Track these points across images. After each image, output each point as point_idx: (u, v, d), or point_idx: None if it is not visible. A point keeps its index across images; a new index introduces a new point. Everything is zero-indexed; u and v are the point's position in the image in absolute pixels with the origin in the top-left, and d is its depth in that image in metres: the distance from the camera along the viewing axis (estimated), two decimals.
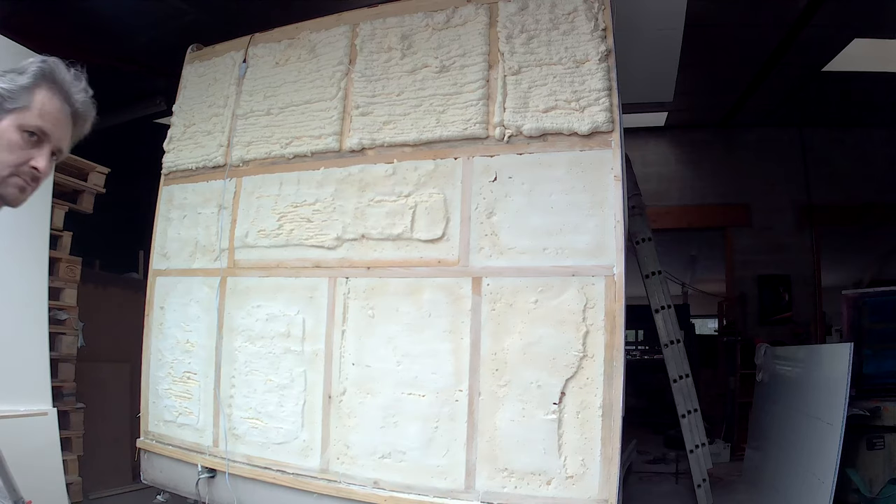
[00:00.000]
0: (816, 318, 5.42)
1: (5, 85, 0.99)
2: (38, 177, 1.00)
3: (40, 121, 0.97)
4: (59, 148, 1.03)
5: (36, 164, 0.98)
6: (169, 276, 2.93)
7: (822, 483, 2.69)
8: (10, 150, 0.96)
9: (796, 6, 3.69)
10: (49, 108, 0.99)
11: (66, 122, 1.03)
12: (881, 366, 3.45)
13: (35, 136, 0.98)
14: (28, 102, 0.98)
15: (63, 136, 1.03)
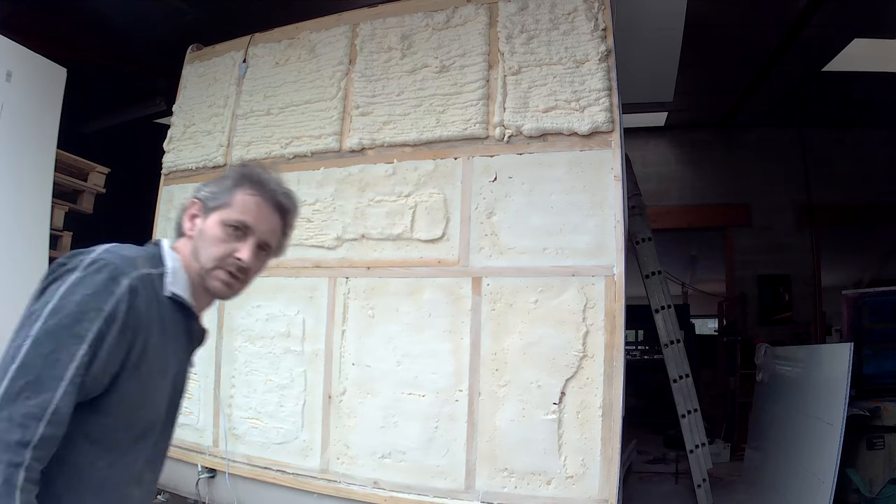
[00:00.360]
0: (816, 318, 5.42)
1: (209, 189, 1.12)
2: (243, 268, 1.04)
3: (241, 215, 1.04)
4: (265, 241, 1.07)
5: (239, 255, 1.03)
6: None
7: (822, 483, 2.69)
8: (214, 244, 1.03)
9: (796, 6, 3.69)
10: (249, 204, 1.05)
11: (270, 216, 1.07)
12: (881, 366, 3.45)
13: (238, 229, 1.04)
14: (229, 201, 1.06)
15: (268, 229, 1.07)
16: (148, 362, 0.95)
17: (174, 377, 1.05)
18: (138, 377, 0.93)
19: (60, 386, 0.84)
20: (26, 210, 2.92)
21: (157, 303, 0.99)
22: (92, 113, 4.55)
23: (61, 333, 0.86)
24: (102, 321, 0.88)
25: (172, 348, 1.03)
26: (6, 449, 0.79)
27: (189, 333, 1.08)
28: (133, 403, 0.94)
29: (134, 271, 0.95)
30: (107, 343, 0.88)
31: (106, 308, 0.89)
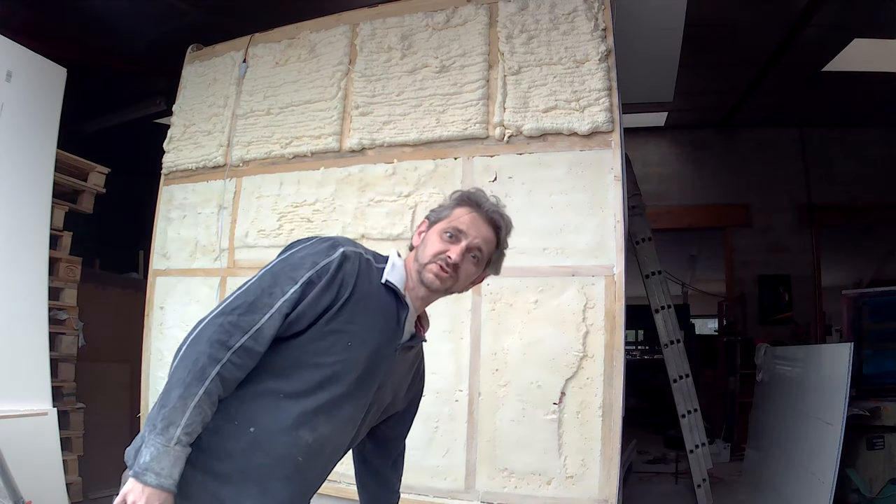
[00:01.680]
0: (816, 318, 5.42)
1: (435, 209, 1.30)
2: (452, 263, 1.20)
3: (454, 223, 1.22)
4: (476, 246, 1.22)
5: (450, 254, 1.19)
6: (169, 276, 2.93)
7: (822, 483, 2.69)
8: (432, 245, 1.22)
9: (796, 6, 3.69)
10: (462, 216, 1.23)
11: (482, 226, 1.24)
12: (881, 366, 3.45)
13: (452, 236, 1.21)
14: (448, 214, 1.25)
15: (479, 235, 1.23)
16: (347, 319, 1.12)
17: (373, 356, 1.15)
18: (335, 328, 1.10)
19: (268, 312, 1.05)
20: (26, 210, 2.92)
21: (369, 282, 1.17)
22: (92, 113, 4.55)
23: (280, 275, 1.10)
24: (315, 271, 1.10)
25: (378, 326, 1.17)
26: (210, 345, 1.00)
27: (398, 323, 1.20)
28: (323, 347, 1.10)
29: (354, 248, 1.18)
30: (315, 289, 1.09)
31: (320, 263, 1.11)
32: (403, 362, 1.27)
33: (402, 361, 1.26)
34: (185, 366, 0.99)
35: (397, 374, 1.26)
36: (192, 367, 0.98)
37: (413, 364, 1.33)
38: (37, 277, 2.93)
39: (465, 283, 1.26)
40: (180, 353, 1.02)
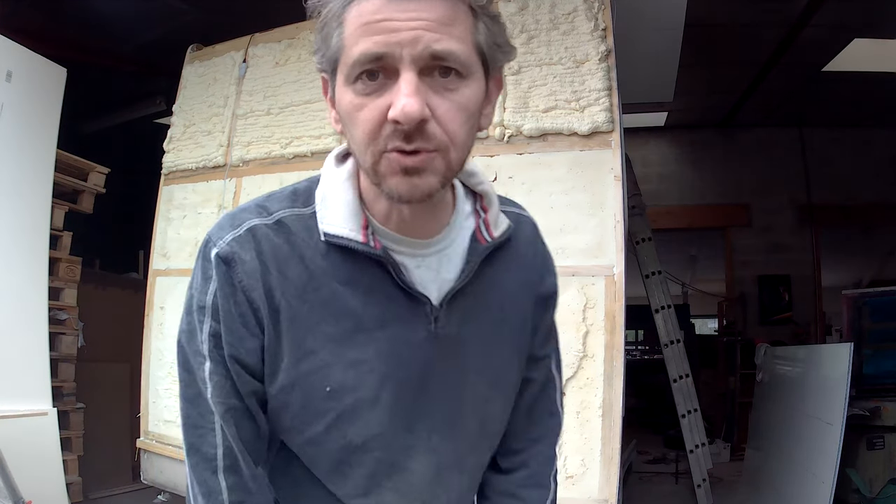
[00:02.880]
0: (816, 318, 5.42)
1: (316, 45, 0.64)
2: (411, 130, 0.56)
3: (361, 46, 0.58)
4: (431, 55, 0.57)
5: (393, 115, 0.55)
6: (169, 276, 2.93)
7: (822, 483, 2.69)
8: (354, 120, 0.61)
9: (796, 6, 3.69)
10: (365, 15, 0.56)
11: (410, 4, 0.59)
12: (881, 366, 3.45)
13: (372, 75, 0.57)
14: (341, 35, 0.59)
15: (419, 26, 0.56)
16: (299, 350, 0.64)
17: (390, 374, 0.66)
18: (292, 378, 0.65)
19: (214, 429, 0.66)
20: (26, 210, 2.92)
21: (301, 258, 0.64)
22: (92, 113, 4.55)
23: (189, 359, 0.66)
24: (208, 321, 0.64)
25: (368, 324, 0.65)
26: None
27: (396, 285, 0.65)
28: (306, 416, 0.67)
29: (240, 226, 0.65)
30: (223, 345, 0.64)
31: (204, 299, 0.65)
32: (469, 320, 0.69)
33: (466, 321, 0.69)
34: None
35: (472, 348, 0.70)
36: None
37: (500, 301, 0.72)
38: (37, 277, 2.93)
39: (466, 128, 0.60)
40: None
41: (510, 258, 0.74)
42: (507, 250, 0.73)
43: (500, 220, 0.72)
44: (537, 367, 0.80)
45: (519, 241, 0.75)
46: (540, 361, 0.80)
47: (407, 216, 0.65)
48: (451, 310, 0.68)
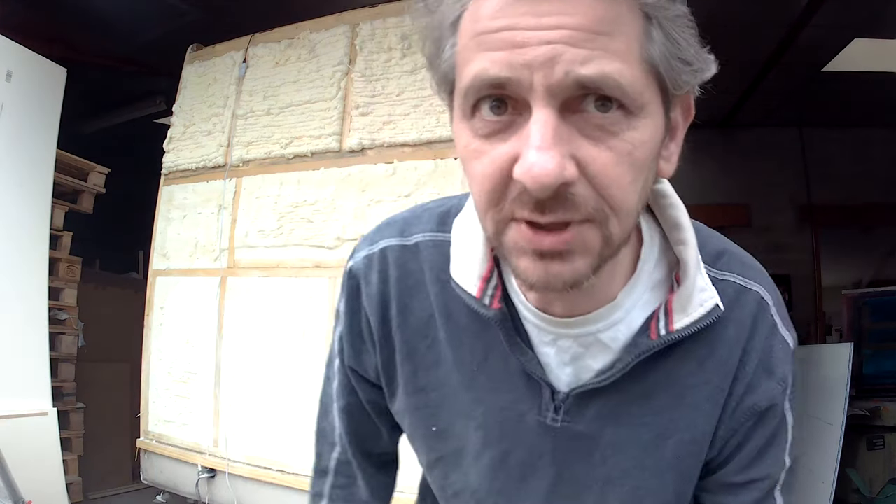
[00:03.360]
0: (816, 318, 5.42)
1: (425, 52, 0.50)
2: (543, 198, 0.39)
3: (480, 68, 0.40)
4: (574, 81, 0.38)
5: (518, 166, 0.38)
6: (169, 276, 2.93)
7: (822, 483, 2.69)
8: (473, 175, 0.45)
9: (796, 6, 3.69)
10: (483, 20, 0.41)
11: (548, 5, 0.45)
12: (881, 366, 3.45)
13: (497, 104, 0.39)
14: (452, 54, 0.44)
15: (562, 37, 0.38)
16: (412, 385, 0.61)
17: (492, 438, 0.58)
18: (408, 405, 0.63)
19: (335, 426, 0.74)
20: (26, 210, 2.92)
21: (424, 293, 0.58)
22: (92, 113, 4.55)
23: (333, 345, 0.70)
24: (342, 322, 0.65)
25: (481, 383, 0.57)
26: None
27: (518, 353, 0.54)
28: (416, 447, 0.69)
29: (376, 243, 0.61)
30: (347, 350, 0.65)
31: (340, 301, 0.64)
32: (615, 422, 0.55)
33: (610, 421, 0.55)
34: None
35: (611, 454, 0.56)
36: None
37: (672, 404, 0.55)
38: (37, 277, 2.93)
39: (636, 187, 0.43)
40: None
41: (706, 348, 0.54)
42: (706, 337, 0.53)
43: (695, 301, 0.51)
44: (732, 493, 0.58)
45: (728, 326, 0.54)
46: (736, 488, 0.58)
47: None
48: (587, 403, 0.54)
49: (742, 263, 0.57)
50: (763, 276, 0.58)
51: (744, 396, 0.55)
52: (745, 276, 0.56)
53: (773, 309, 0.56)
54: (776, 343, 0.56)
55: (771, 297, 0.57)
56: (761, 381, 0.55)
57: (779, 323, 0.56)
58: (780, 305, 0.58)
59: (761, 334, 0.55)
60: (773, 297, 0.57)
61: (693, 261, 0.52)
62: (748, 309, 0.55)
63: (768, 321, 0.56)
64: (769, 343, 0.55)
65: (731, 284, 0.55)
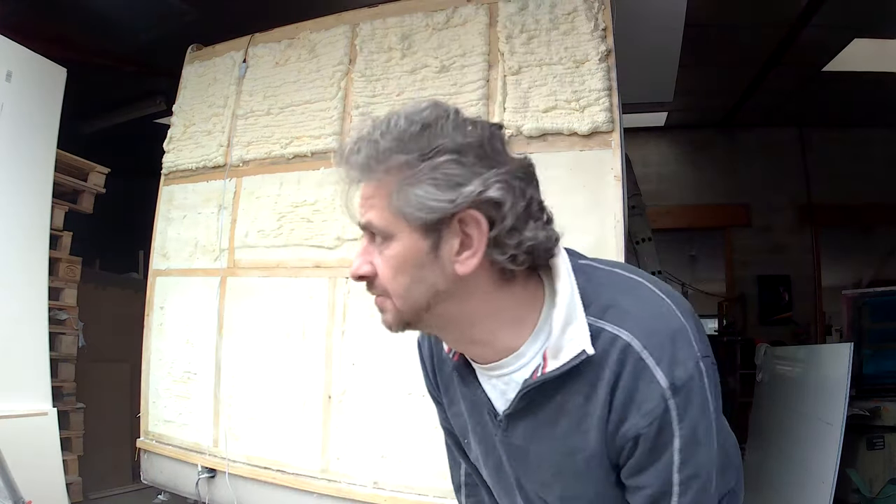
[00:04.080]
0: (816, 318, 5.42)
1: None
2: (362, 281, 0.78)
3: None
4: (365, 224, 0.75)
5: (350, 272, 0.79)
6: (169, 276, 2.93)
7: (822, 483, 2.69)
8: None
9: (796, 6, 3.69)
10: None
11: (355, 189, 0.76)
12: (881, 366, 3.45)
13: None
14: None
15: (361, 206, 0.76)
16: (454, 415, 0.92)
17: (482, 448, 0.86)
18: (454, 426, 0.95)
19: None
20: (26, 210, 2.92)
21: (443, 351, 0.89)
22: (92, 113, 4.55)
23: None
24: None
25: (463, 406, 0.88)
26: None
27: (470, 388, 0.84)
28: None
29: None
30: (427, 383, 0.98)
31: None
32: (536, 439, 0.79)
33: (534, 438, 0.79)
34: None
35: (539, 463, 0.80)
36: None
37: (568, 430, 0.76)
38: (37, 277, 2.93)
39: (401, 280, 0.72)
40: None
41: (589, 386, 0.72)
42: (588, 375, 0.72)
43: (566, 349, 0.72)
44: (629, 493, 0.77)
45: (605, 368, 0.71)
46: (630, 490, 0.76)
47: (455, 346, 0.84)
48: (515, 424, 0.79)
49: (623, 314, 0.72)
50: (641, 325, 0.71)
51: (618, 426, 0.72)
52: (620, 325, 0.72)
53: (645, 353, 0.70)
54: (643, 383, 0.70)
55: (640, 343, 0.70)
56: (629, 415, 0.71)
57: (650, 364, 0.70)
58: (659, 348, 0.70)
59: (627, 375, 0.70)
60: (645, 342, 0.70)
61: (559, 320, 0.72)
62: (616, 354, 0.71)
63: (635, 364, 0.70)
64: (635, 383, 0.70)
65: (607, 333, 0.72)
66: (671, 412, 0.69)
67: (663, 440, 0.70)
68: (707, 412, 0.71)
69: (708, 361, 0.72)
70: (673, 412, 0.69)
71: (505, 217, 0.69)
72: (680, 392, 0.69)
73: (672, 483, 0.72)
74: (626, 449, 0.73)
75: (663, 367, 0.69)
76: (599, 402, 0.72)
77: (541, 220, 0.73)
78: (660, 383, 0.69)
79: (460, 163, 0.68)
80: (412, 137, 0.69)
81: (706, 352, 0.72)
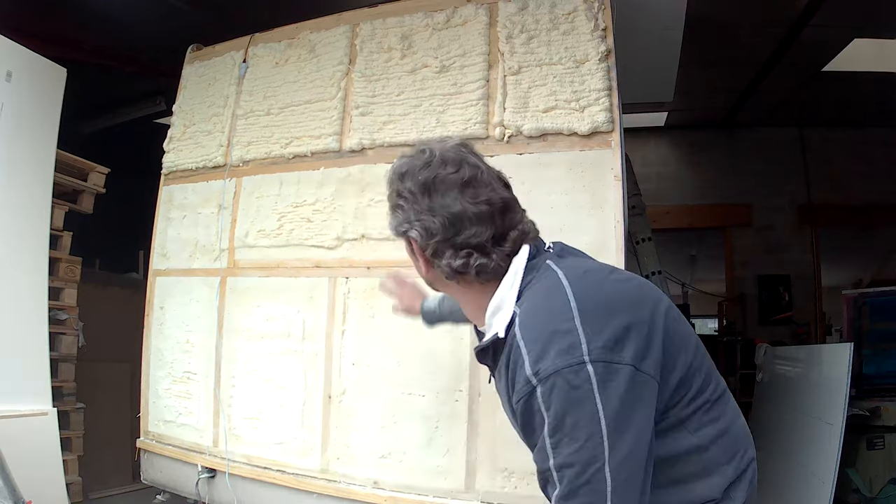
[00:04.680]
0: (816, 318, 5.42)
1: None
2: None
3: None
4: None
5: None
6: (169, 276, 2.93)
7: (822, 483, 2.69)
8: None
9: (796, 6, 3.69)
10: None
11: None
12: (881, 366, 3.45)
13: None
14: None
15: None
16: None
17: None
18: None
19: None
20: (26, 210, 2.92)
21: None
22: (92, 113, 4.55)
23: None
24: None
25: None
26: None
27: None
28: None
29: None
30: None
31: None
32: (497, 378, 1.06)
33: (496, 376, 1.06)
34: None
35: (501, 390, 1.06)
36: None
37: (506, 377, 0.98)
38: (37, 277, 2.93)
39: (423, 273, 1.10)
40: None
41: (504, 357, 0.96)
42: (504, 350, 0.96)
43: (491, 329, 1.00)
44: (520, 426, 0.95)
45: (508, 346, 0.95)
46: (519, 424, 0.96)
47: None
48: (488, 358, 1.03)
49: (526, 309, 0.93)
50: (528, 319, 0.91)
51: (510, 391, 0.93)
52: (519, 301, 0.96)
53: (517, 326, 0.91)
54: (518, 365, 0.89)
55: (520, 333, 0.91)
56: (514, 387, 0.91)
57: (523, 352, 0.88)
58: (532, 341, 0.87)
59: (512, 355, 0.91)
60: (523, 333, 0.90)
61: (491, 308, 1.00)
62: (511, 338, 0.93)
63: (516, 348, 0.90)
64: (515, 364, 0.90)
65: (514, 322, 0.93)
66: (536, 397, 0.85)
67: (532, 419, 0.87)
68: (588, 412, 0.81)
69: (607, 367, 0.82)
70: (539, 398, 0.85)
71: (425, 247, 1.02)
72: (545, 383, 0.84)
73: (549, 466, 0.85)
74: (516, 413, 0.91)
75: (532, 356, 0.86)
76: (505, 373, 0.94)
77: (463, 251, 0.98)
78: (525, 369, 0.86)
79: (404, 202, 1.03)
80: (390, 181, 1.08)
81: (611, 359, 0.83)
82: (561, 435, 0.82)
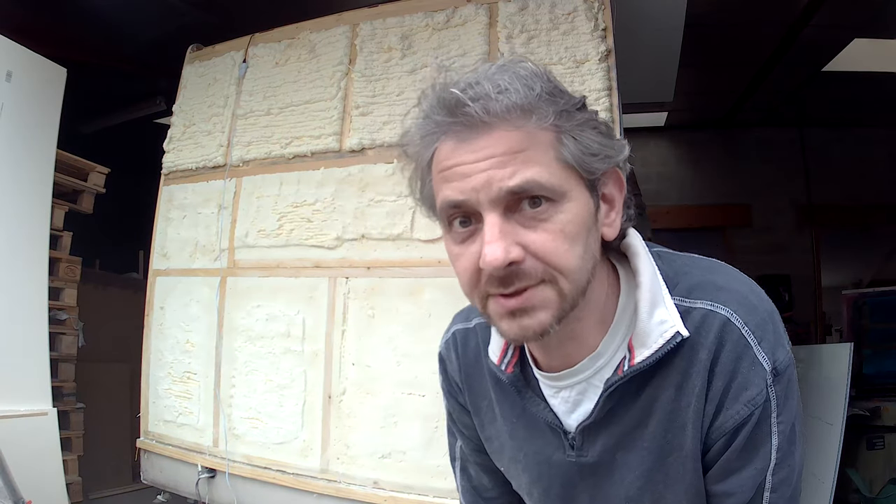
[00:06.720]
0: (816, 318, 5.42)
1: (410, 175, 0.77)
2: (503, 275, 0.57)
3: (446, 193, 0.61)
4: (506, 192, 0.56)
5: (483, 258, 0.56)
6: (169, 276, 2.93)
7: (822, 483, 2.69)
8: (457, 269, 0.62)
9: (796, 6, 3.69)
10: (444, 161, 0.62)
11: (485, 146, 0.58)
12: (881, 366, 3.45)
13: (464, 221, 0.60)
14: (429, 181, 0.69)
15: (493, 176, 0.58)
16: (484, 436, 0.79)
17: (536, 475, 0.73)
18: (488, 448, 0.81)
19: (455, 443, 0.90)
20: (26, 210, 2.92)
21: (479, 368, 0.77)
22: (92, 113, 4.55)
23: None
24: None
25: (508, 430, 0.75)
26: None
27: (531, 411, 0.71)
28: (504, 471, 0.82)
29: (447, 333, 0.84)
30: (447, 400, 0.86)
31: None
32: (623, 447, 0.67)
33: (619, 448, 0.67)
34: None
35: (626, 475, 0.67)
36: None
37: (664, 426, 0.64)
38: (37, 277, 2.93)
39: (575, 253, 0.57)
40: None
41: (681, 374, 0.62)
42: (679, 363, 0.62)
43: (654, 334, 0.61)
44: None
45: (699, 351, 0.61)
46: (719, 501, 0.64)
47: (540, 348, 0.66)
48: (593, 438, 0.67)
49: (717, 289, 0.64)
50: (739, 300, 0.63)
51: (714, 417, 0.62)
52: (715, 300, 0.63)
53: (745, 330, 0.61)
54: (744, 365, 0.60)
55: (742, 319, 0.61)
56: (728, 404, 0.61)
57: (753, 344, 0.60)
58: (761, 326, 0.61)
59: (728, 356, 0.61)
60: (746, 318, 0.61)
61: (646, 301, 0.62)
62: (713, 332, 0.61)
63: (737, 342, 0.61)
64: (737, 365, 0.60)
65: (699, 311, 0.62)
66: (771, 402, 0.60)
67: (760, 436, 0.61)
68: (799, 406, 0.63)
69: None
70: (773, 402, 0.60)
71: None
72: (781, 379, 0.60)
73: (764, 489, 0.62)
74: (716, 445, 0.62)
75: (765, 347, 0.60)
76: (695, 391, 0.61)
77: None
78: (763, 366, 0.60)
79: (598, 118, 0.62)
80: (556, 85, 0.60)
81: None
82: (789, 446, 0.61)
